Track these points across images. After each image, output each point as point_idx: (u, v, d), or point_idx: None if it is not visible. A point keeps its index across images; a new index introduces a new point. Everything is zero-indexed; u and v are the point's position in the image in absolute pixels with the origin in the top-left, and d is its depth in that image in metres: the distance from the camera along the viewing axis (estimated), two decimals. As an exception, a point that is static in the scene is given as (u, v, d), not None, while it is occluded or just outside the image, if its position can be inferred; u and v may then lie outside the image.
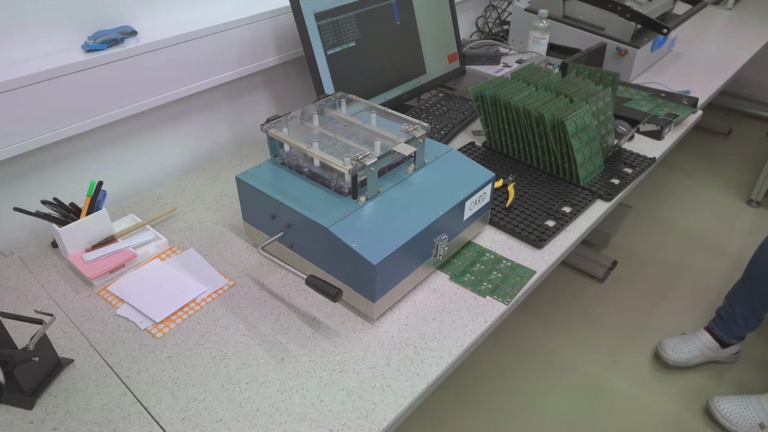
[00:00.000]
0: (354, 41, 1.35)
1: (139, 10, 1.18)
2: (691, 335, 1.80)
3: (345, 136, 1.02)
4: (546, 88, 1.32)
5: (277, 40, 1.38)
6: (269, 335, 0.90)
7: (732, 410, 1.60)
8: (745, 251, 2.29)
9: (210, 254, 1.07)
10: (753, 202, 2.55)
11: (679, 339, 1.81)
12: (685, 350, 1.77)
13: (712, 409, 1.63)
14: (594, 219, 1.16)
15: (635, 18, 1.71)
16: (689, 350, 1.76)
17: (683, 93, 1.68)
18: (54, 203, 1.03)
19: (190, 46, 1.21)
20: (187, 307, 0.95)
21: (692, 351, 1.76)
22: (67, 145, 1.15)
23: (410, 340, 0.89)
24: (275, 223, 0.98)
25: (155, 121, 1.28)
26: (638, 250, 2.29)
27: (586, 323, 1.97)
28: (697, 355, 1.76)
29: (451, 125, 1.44)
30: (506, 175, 1.28)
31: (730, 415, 1.59)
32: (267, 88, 1.48)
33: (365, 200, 0.92)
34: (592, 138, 1.24)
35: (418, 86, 1.52)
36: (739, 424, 1.58)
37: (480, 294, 0.97)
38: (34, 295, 0.98)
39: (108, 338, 0.89)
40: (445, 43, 1.58)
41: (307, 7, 1.24)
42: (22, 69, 1.00)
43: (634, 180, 1.28)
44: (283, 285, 1.00)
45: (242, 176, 0.99)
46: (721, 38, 2.15)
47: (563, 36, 1.83)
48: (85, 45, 1.08)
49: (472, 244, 1.09)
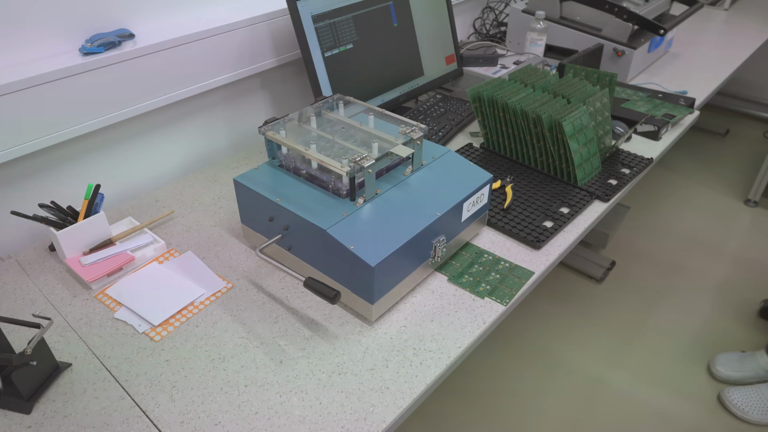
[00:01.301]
0: (352, 43, 1.35)
1: (136, 13, 1.18)
2: (749, 355, 1.74)
3: (343, 138, 1.02)
4: (543, 89, 1.32)
5: (274, 42, 1.38)
6: (268, 338, 0.90)
7: (743, 400, 1.62)
8: (743, 251, 2.29)
9: (208, 257, 1.07)
10: (750, 202, 2.56)
11: (735, 356, 1.75)
12: (739, 369, 1.71)
13: (724, 399, 1.65)
14: (592, 220, 1.16)
15: (632, 19, 1.71)
16: (743, 369, 1.71)
17: (680, 93, 1.68)
18: (51, 207, 1.02)
19: (188, 48, 1.21)
20: (185, 310, 0.95)
21: (746, 371, 1.71)
22: (64, 148, 1.15)
23: (409, 342, 0.89)
24: (273, 226, 0.98)
25: (153, 123, 1.28)
26: (636, 251, 2.30)
27: (585, 324, 1.97)
28: (752, 375, 1.70)
29: (449, 126, 1.44)
30: (504, 176, 1.28)
31: (742, 404, 1.61)
32: (265, 90, 1.48)
33: (363, 202, 0.92)
34: (589, 139, 1.24)
35: (415, 88, 1.52)
36: (752, 413, 1.60)
37: (478, 295, 0.97)
38: (31, 299, 0.98)
39: (106, 342, 0.89)
40: (443, 44, 1.58)
41: (304, 9, 1.24)
42: (19, 72, 1.00)
43: (632, 181, 1.28)
44: (281, 287, 1.00)
45: (240, 179, 0.99)
46: (717, 39, 2.16)
47: (560, 37, 1.83)
48: (82, 48, 1.08)
49: (471, 245, 1.09)
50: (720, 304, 2.04)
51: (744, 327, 1.95)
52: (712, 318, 1.99)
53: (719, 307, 2.03)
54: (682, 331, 1.93)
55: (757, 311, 2.00)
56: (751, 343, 1.88)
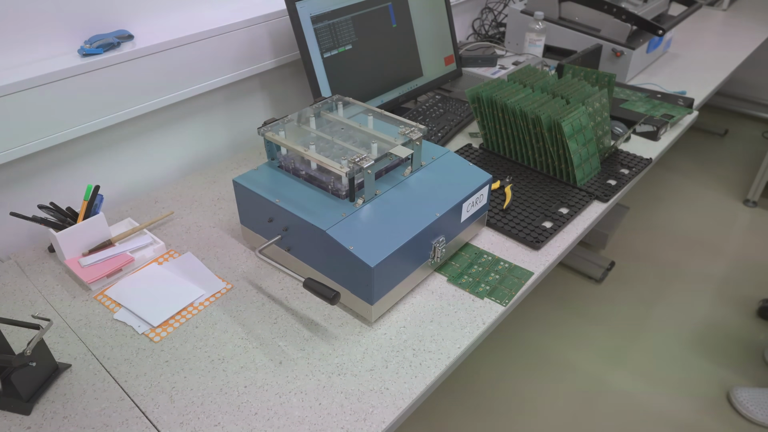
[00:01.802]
0: (350, 44, 1.35)
1: (136, 14, 1.18)
2: None
3: (342, 138, 1.02)
4: (542, 89, 1.32)
5: (273, 43, 1.38)
6: (267, 338, 0.90)
7: (751, 399, 1.62)
8: (743, 251, 2.29)
9: (207, 258, 1.07)
10: (750, 202, 2.56)
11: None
12: None
13: (732, 397, 1.65)
14: (591, 220, 1.16)
15: (630, 19, 1.71)
16: None
17: (679, 94, 1.69)
18: (51, 208, 1.03)
19: (187, 49, 1.21)
20: (184, 311, 0.95)
21: None
22: (64, 149, 1.14)
23: (408, 343, 0.89)
24: (273, 227, 0.98)
25: (152, 124, 1.28)
26: (636, 251, 2.30)
27: (585, 324, 1.97)
28: None
29: (448, 127, 1.45)
30: (503, 176, 1.28)
31: (748, 403, 1.62)
32: (264, 91, 1.48)
33: (362, 203, 0.92)
34: (588, 139, 1.24)
35: (415, 88, 1.52)
36: (757, 413, 1.60)
37: (478, 296, 0.97)
38: (31, 300, 0.98)
39: (105, 343, 0.89)
40: (442, 45, 1.58)
41: (303, 10, 1.24)
42: (18, 73, 1.00)
43: (631, 181, 1.28)
44: (280, 288, 1.00)
45: (240, 179, 0.99)
46: (716, 39, 2.16)
47: (559, 38, 1.83)
48: (81, 49, 1.08)
49: (470, 245, 1.09)
50: (719, 303, 2.05)
51: (743, 326, 1.95)
52: (712, 317, 1.99)
53: (718, 306, 2.03)
54: (681, 331, 1.93)
55: (756, 311, 2.01)
56: (750, 343, 1.88)
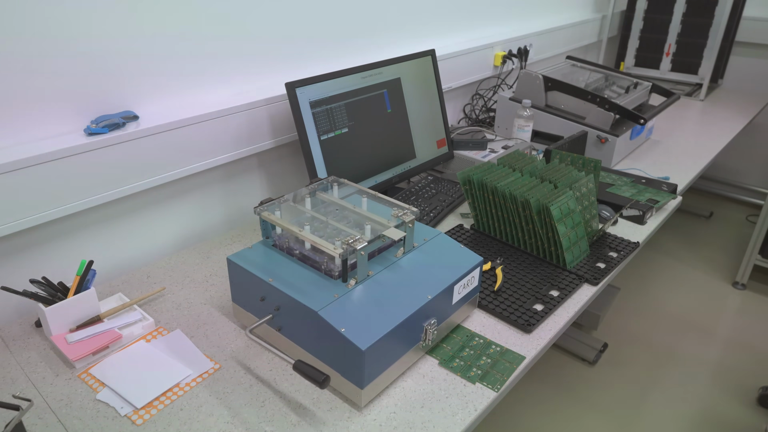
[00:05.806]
0: (347, 127, 1.41)
1: (142, 96, 1.23)
2: None
3: (336, 219, 1.04)
4: (531, 173, 1.37)
5: (272, 124, 1.43)
6: (253, 423, 0.87)
7: None
8: (736, 335, 2.28)
9: (197, 336, 1.06)
10: (739, 285, 2.58)
11: None
12: None
13: None
14: (582, 303, 1.17)
15: (613, 109, 1.80)
16: None
17: (663, 179, 1.75)
18: (42, 282, 1.02)
19: (189, 130, 1.25)
20: (170, 391, 0.92)
21: None
22: (60, 223, 1.16)
23: (398, 429, 0.86)
24: (264, 305, 0.97)
25: (150, 200, 1.30)
26: (628, 332, 2.28)
27: (580, 408, 1.92)
28: None
29: (440, 207, 1.48)
30: (494, 257, 1.30)
31: None
32: (261, 170, 1.53)
33: (355, 284, 0.93)
34: (576, 223, 1.27)
35: (408, 170, 1.57)
36: None
37: (470, 380, 0.96)
38: (12, 377, 0.95)
39: (86, 425, 0.86)
40: (434, 129, 1.65)
41: (303, 95, 1.30)
42: (24, 151, 1.03)
43: (620, 264, 1.30)
44: (269, 369, 0.98)
45: (233, 258, 1.00)
46: (696, 128, 2.26)
47: (546, 124, 1.92)
48: (87, 128, 1.12)
49: (462, 327, 1.09)
50: (716, 390, 2.01)
51: (743, 415, 1.91)
52: (709, 404, 1.95)
53: (716, 393, 2.00)
54: (679, 418, 1.89)
55: (756, 399, 1.97)
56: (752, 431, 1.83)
